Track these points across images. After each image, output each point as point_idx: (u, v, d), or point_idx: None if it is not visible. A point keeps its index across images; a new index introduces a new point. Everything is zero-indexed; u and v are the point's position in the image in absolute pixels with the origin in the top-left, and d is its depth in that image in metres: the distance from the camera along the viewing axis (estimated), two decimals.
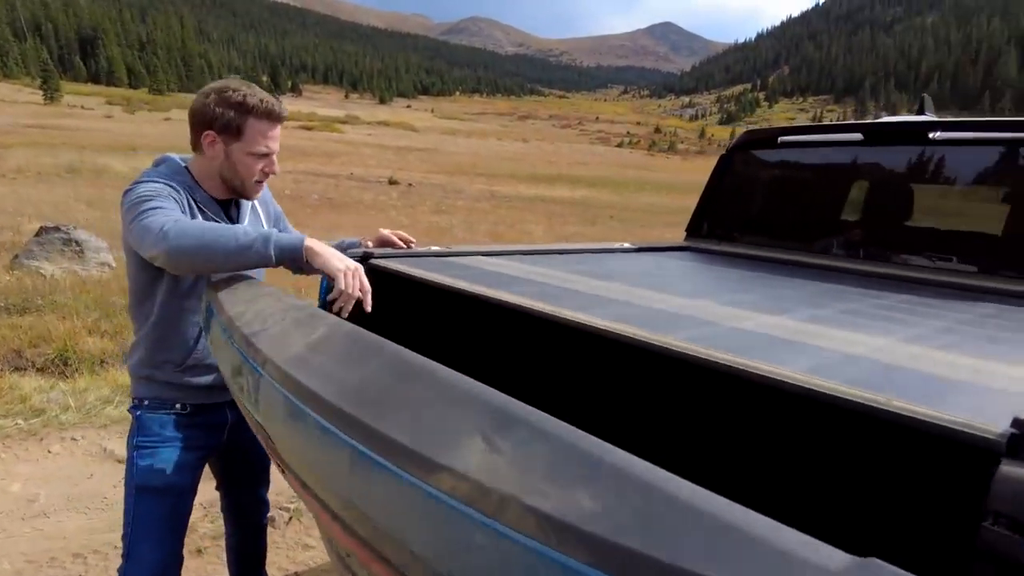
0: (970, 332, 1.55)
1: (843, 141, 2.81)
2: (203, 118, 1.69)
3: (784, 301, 1.83)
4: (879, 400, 0.95)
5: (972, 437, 0.83)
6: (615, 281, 2.01)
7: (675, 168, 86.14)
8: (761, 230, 3.08)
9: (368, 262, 1.96)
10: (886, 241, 2.68)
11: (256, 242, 1.47)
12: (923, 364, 1.21)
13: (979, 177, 2.49)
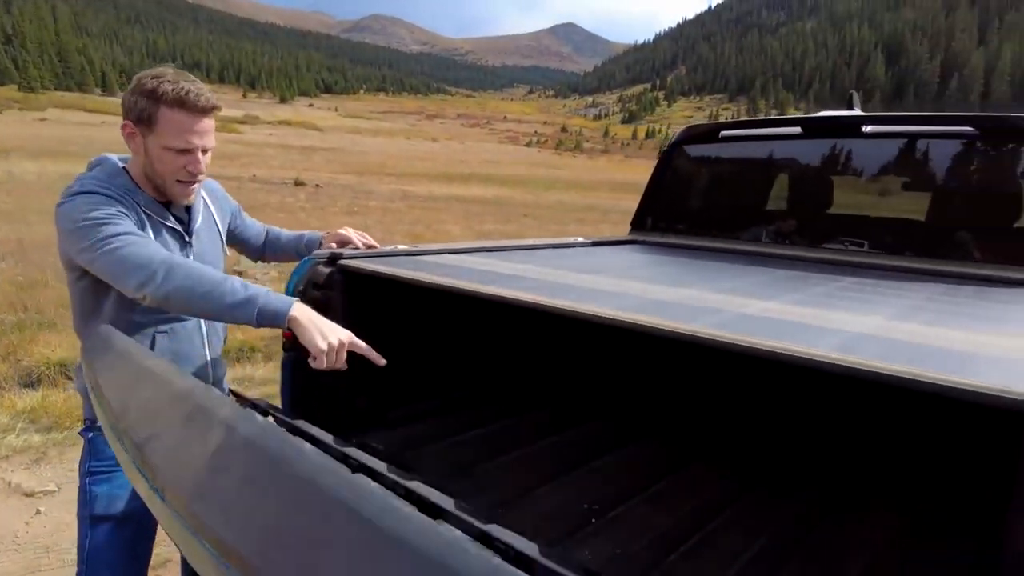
0: (940, 309, 1.66)
1: (782, 135, 2.87)
2: (123, 108, 1.58)
3: (763, 287, 1.92)
4: (927, 375, 0.98)
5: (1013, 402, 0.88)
6: (599, 275, 2.06)
7: (581, 166, 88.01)
8: (704, 222, 3.13)
9: (339, 263, 1.96)
10: (826, 229, 2.80)
11: (244, 305, 1.42)
12: (926, 339, 1.28)
13: (906, 167, 2.63)
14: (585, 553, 1.49)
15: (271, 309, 1.43)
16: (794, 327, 1.36)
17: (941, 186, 2.53)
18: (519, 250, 2.51)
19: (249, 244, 2.07)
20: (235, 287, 1.43)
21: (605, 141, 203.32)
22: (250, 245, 2.08)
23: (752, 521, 1.83)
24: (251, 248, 2.08)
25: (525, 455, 2.08)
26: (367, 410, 2.03)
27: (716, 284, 1.92)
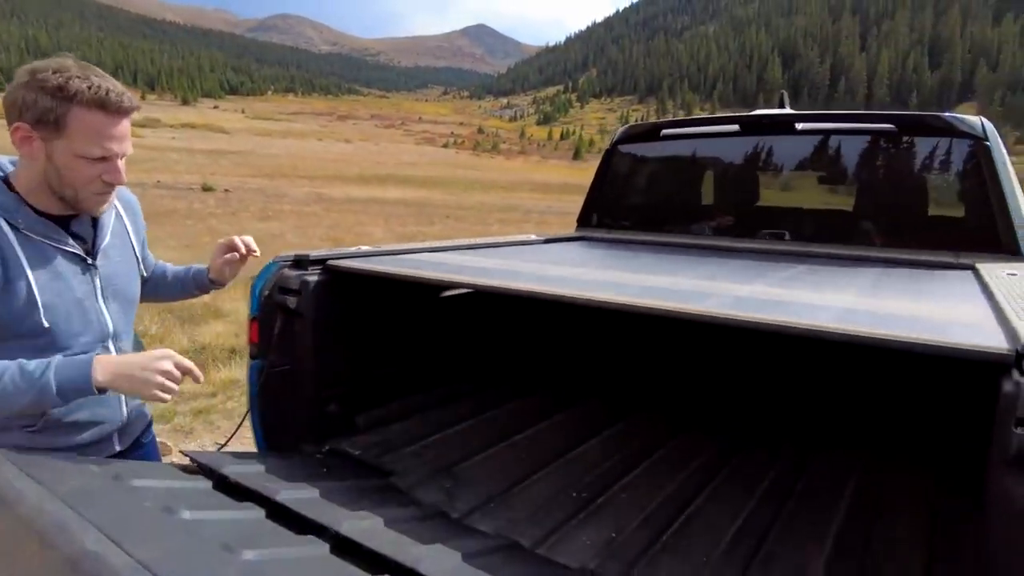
0: (892, 288, 1.84)
1: (721, 132, 2.99)
2: (12, 107, 1.33)
3: (734, 274, 2.02)
4: (913, 336, 1.13)
5: (994, 355, 1.03)
6: (580, 267, 2.12)
7: (500, 167, 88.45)
8: (650, 218, 3.23)
9: (327, 264, 1.92)
10: (764, 221, 2.96)
11: (41, 394, 1.25)
12: (898, 311, 1.40)
13: (835, 162, 2.83)
14: (584, 540, 1.51)
15: (71, 386, 1.27)
16: (786, 306, 1.44)
17: (866, 178, 2.74)
18: (485, 248, 2.54)
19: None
20: (16, 383, 1.24)
21: (522, 142, 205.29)
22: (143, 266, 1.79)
23: (736, 489, 1.88)
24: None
25: (505, 449, 2.08)
26: (340, 415, 2.01)
27: (692, 272, 2.01)
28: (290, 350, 1.87)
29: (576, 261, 2.38)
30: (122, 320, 1.51)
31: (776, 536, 1.60)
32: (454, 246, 2.45)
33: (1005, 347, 1.05)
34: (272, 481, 1.44)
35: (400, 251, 2.22)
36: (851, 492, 1.91)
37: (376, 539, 1.28)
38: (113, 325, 1.47)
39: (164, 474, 1.40)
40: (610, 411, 2.50)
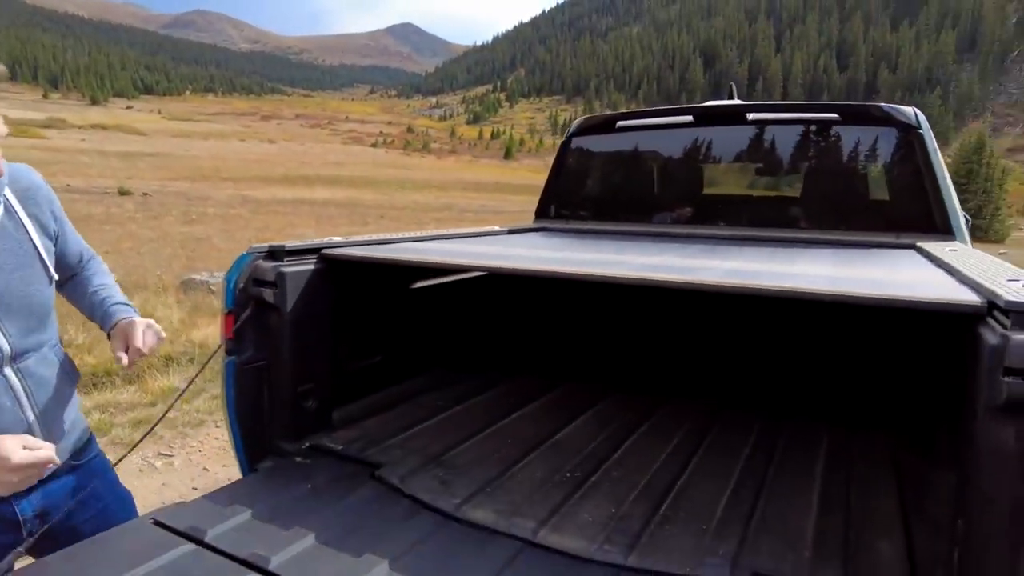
0: (851, 262, 1.98)
1: (675, 123, 3.08)
2: None
3: (709, 255, 2.13)
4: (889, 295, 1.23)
5: (971, 306, 1.14)
6: (566, 252, 2.18)
7: (431, 167, 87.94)
8: (607, 208, 3.31)
9: (322, 252, 1.93)
10: (718, 208, 3.10)
11: None
12: (870, 277, 1.49)
13: (785, 150, 2.98)
14: (586, 518, 1.53)
15: None
16: (776, 276, 1.54)
17: (812, 166, 2.89)
18: (460, 237, 2.56)
19: (59, 264, 1.50)
20: None
21: (452, 141, 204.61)
22: (60, 265, 1.50)
23: (721, 456, 1.96)
24: (60, 269, 1.50)
25: (492, 436, 2.09)
26: (318, 410, 1.99)
27: (668, 253, 2.07)
28: (266, 344, 1.85)
29: (557, 247, 2.42)
30: (25, 336, 1.32)
31: (766, 499, 1.65)
32: (430, 236, 2.45)
33: (978, 300, 1.16)
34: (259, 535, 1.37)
35: (378, 241, 2.21)
36: (825, 452, 2.01)
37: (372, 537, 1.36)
38: (11, 345, 1.30)
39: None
40: (589, 392, 2.54)
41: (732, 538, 1.44)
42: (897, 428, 2.18)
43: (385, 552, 1.32)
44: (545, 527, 1.47)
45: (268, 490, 1.59)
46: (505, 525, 1.47)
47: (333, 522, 1.43)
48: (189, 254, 11.07)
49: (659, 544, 1.42)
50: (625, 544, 1.41)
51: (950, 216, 2.54)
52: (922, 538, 1.45)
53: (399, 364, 2.44)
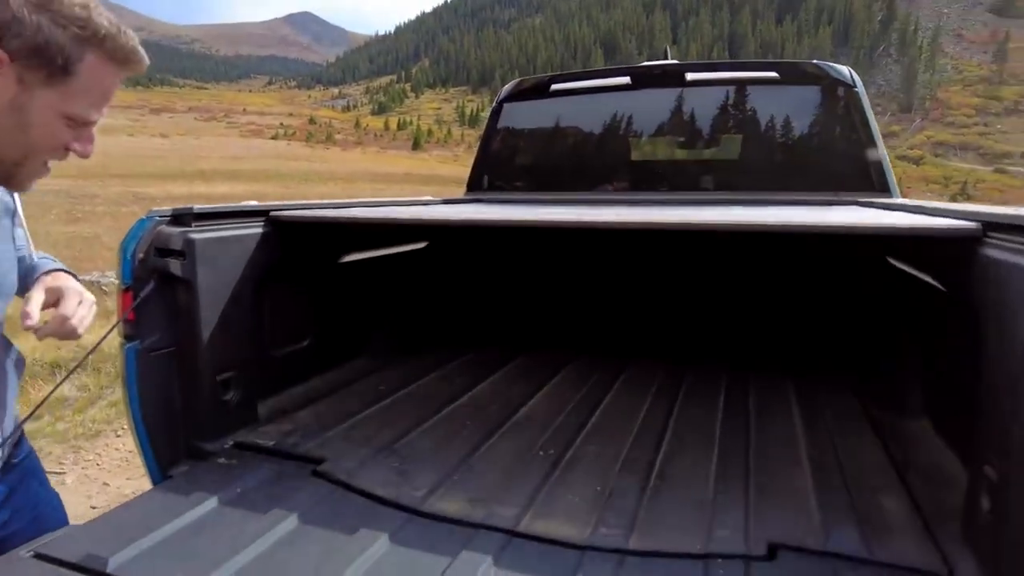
0: (813, 211, 1.98)
1: (612, 86, 2.97)
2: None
3: (662, 209, 2.11)
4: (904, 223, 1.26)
5: (963, 230, 1.19)
6: (514, 214, 2.10)
7: (337, 158, 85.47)
8: (543, 177, 3.17)
9: (270, 215, 1.78)
10: (658, 172, 3.03)
11: None
12: (844, 219, 1.53)
13: (724, 111, 2.93)
14: (571, 499, 1.41)
15: None
16: (740, 218, 1.53)
17: (751, 126, 2.86)
18: (394, 205, 2.46)
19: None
20: None
21: (358, 133, 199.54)
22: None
23: (697, 417, 1.90)
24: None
25: (446, 419, 1.91)
26: (242, 401, 1.76)
27: (625, 210, 1.99)
28: (175, 326, 1.62)
29: (505, 212, 2.33)
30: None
31: (755, 463, 1.59)
32: (362, 202, 2.25)
33: (973, 224, 1.19)
34: None
35: (318, 205, 2.00)
36: (798, 409, 1.98)
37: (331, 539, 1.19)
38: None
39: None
40: (547, 362, 2.44)
41: (734, 508, 1.35)
42: (864, 382, 2.16)
43: (344, 559, 1.13)
44: (528, 513, 1.33)
45: (187, 500, 1.33)
46: (482, 515, 1.31)
47: (273, 531, 1.22)
48: (75, 254, 10.19)
49: (658, 521, 1.32)
50: (622, 525, 1.29)
51: (886, 173, 2.55)
52: (925, 491, 1.41)
53: (332, 347, 2.22)
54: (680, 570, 1.14)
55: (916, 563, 1.13)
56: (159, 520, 1.24)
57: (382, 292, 2.47)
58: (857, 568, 1.11)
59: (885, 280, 2.12)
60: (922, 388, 1.77)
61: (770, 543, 1.20)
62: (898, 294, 2.04)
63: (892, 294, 2.13)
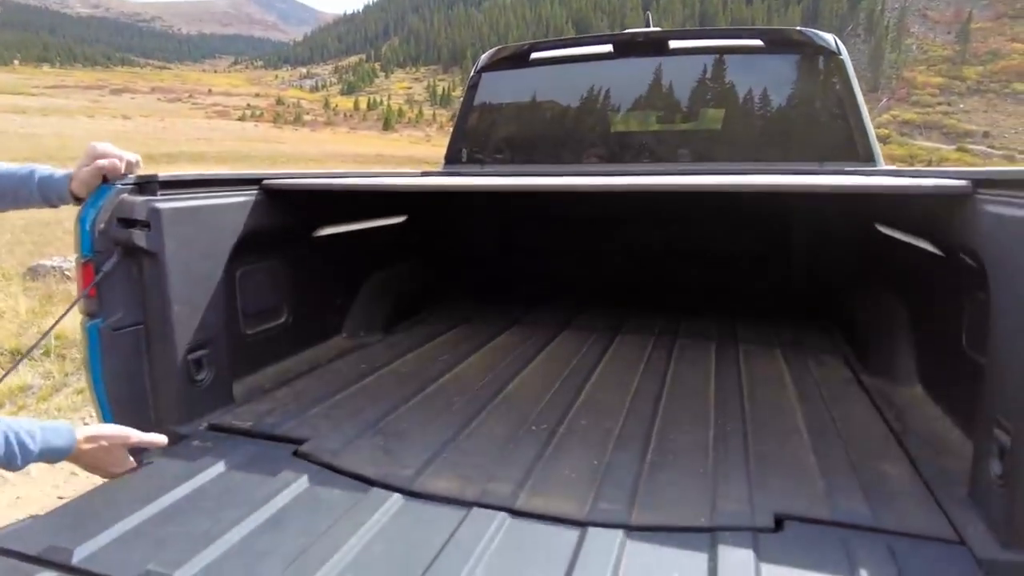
0: (792, 175, 2.01)
1: (594, 54, 2.90)
2: None
3: (648, 175, 2.12)
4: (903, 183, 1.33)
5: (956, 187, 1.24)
6: (500, 180, 2.12)
7: (306, 139, 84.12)
8: (523, 147, 3.11)
9: (262, 183, 1.75)
10: (640, 144, 2.99)
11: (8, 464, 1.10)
12: (837, 181, 1.56)
13: (707, 80, 2.88)
14: (567, 474, 1.37)
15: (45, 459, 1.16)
16: (725, 180, 1.56)
17: (735, 95, 2.83)
18: (375, 176, 2.41)
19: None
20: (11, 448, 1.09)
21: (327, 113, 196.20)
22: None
23: (688, 385, 1.89)
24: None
25: (432, 395, 1.85)
26: (216, 381, 1.68)
27: (614, 176, 1.98)
28: (141, 302, 1.54)
29: (499, 178, 2.32)
30: None
31: (753, 433, 1.56)
32: (338, 173, 2.19)
33: (963, 181, 1.24)
34: None
35: (301, 175, 1.95)
36: (790, 377, 1.98)
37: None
38: None
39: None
40: (534, 336, 2.40)
41: (737, 479, 1.32)
42: (855, 351, 2.16)
43: (331, 543, 1.08)
44: (524, 490, 1.29)
45: (158, 486, 1.26)
46: (475, 493, 1.27)
47: (252, 516, 1.16)
48: (35, 239, 9.85)
49: (660, 495, 1.28)
50: (623, 499, 1.25)
51: (871, 142, 2.52)
52: (925, 458, 1.39)
53: (310, 325, 2.16)
54: (687, 544, 1.11)
55: (924, 530, 1.12)
56: (128, 508, 1.17)
57: (361, 268, 2.42)
58: (865, 536, 1.09)
59: (874, 248, 2.12)
60: (915, 356, 1.78)
61: (776, 514, 1.18)
62: (887, 262, 2.02)
63: (881, 262, 2.11)
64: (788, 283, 2.77)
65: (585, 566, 1.04)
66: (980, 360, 1.20)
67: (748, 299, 2.74)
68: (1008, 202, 1.09)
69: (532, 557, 1.07)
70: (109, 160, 1.42)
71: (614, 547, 1.09)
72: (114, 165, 1.44)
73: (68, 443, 1.17)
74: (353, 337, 2.33)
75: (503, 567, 1.04)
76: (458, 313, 2.70)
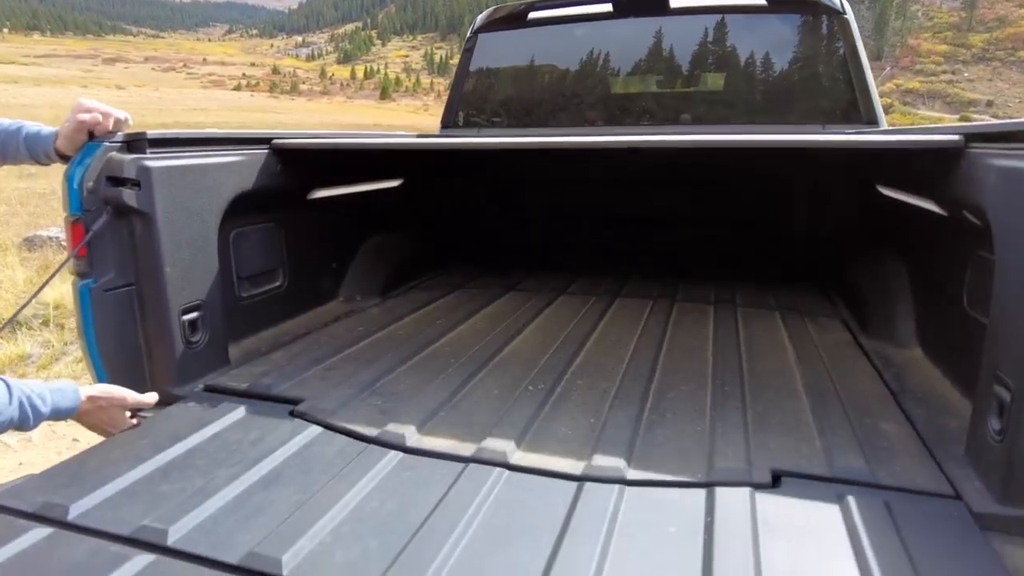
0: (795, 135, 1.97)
1: (593, 14, 2.84)
2: None
3: (651, 133, 2.15)
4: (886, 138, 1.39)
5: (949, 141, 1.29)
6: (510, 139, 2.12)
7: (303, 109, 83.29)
8: (521, 110, 3.06)
9: (273, 143, 1.77)
10: (640, 106, 2.94)
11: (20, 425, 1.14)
12: (841, 141, 1.60)
13: (708, 41, 2.82)
14: (564, 432, 1.36)
15: (52, 418, 1.19)
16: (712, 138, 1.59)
17: (738, 56, 2.78)
18: (374, 136, 2.42)
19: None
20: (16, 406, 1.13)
21: (324, 82, 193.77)
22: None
23: (686, 343, 1.89)
24: None
25: (428, 358, 1.84)
26: (211, 344, 1.68)
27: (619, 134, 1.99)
28: (133, 262, 1.52)
29: (501, 138, 2.33)
30: None
31: (751, 394, 1.54)
32: (334, 134, 2.18)
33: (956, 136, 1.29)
34: None
35: (304, 135, 1.95)
36: (786, 329, 2.00)
37: None
38: None
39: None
40: (530, 300, 2.38)
41: (734, 437, 1.31)
42: (854, 313, 2.16)
43: (328, 499, 1.08)
44: (520, 447, 1.29)
45: (154, 444, 1.27)
46: (470, 450, 1.27)
47: (248, 472, 1.16)
48: (32, 211, 9.76)
49: (657, 451, 1.27)
50: (619, 455, 1.24)
51: (874, 105, 2.50)
52: (923, 417, 1.40)
53: (306, 289, 2.16)
54: (684, 500, 1.11)
55: (921, 485, 1.12)
56: (124, 466, 1.18)
57: (357, 232, 2.41)
58: (863, 493, 1.10)
59: (874, 210, 2.11)
60: (915, 318, 1.78)
61: (774, 470, 1.18)
62: (888, 223, 2.01)
63: (882, 224, 2.11)
64: (788, 247, 2.75)
65: (582, 520, 1.04)
66: (982, 319, 1.20)
67: (747, 264, 2.73)
68: (1010, 155, 1.09)
69: (529, 511, 1.07)
70: (91, 114, 1.40)
71: (610, 502, 1.09)
72: (96, 119, 1.41)
73: (73, 404, 1.21)
74: (349, 302, 2.32)
75: (500, 521, 1.04)
76: (455, 279, 2.69)
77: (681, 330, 2.04)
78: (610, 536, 0.99)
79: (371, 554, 0.93)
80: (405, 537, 0.97)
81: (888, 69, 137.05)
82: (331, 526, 1.00)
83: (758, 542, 0.97)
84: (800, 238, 2.74)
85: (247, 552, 0.91)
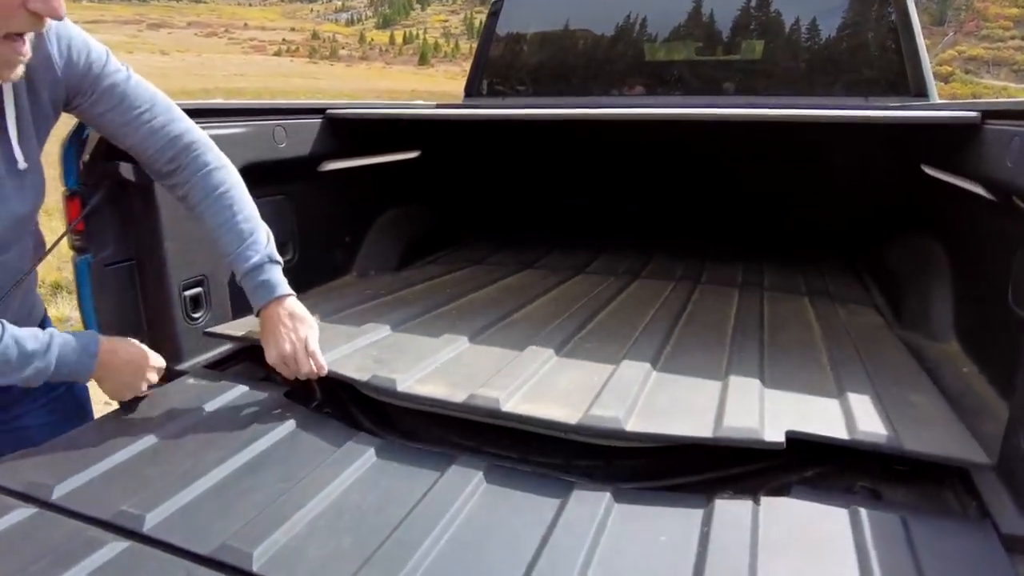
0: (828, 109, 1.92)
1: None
2: None
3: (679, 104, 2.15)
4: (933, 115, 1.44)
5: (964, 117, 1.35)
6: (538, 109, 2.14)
7: (342, 75, 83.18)
8: (548, 79, 2.94)
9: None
10: (674, 74, 2.81)
11: (31, 378, 1.08)
12: (873, 118, 1.63)
13: (749, 5, 2.69)
14: (564, 386, 1.32)
15: (65, 372, 1.12)
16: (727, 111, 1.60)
17: (777, 22, 2.66)
18: (400, 107, 2.35)
19: (138, 155, 1.25)
20: (23, 354, 1.05)
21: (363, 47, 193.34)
22: (142, 158, 1.26)
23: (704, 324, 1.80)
24: (146, 164, 1.27)
25: (430, 320, 1.76)
26: (213, 322, 1.66)
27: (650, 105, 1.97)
28: (132, 236, 1.49)
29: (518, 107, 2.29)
30: None
31: (769, 363, 1.46)
32: (351, 104, 2.13)
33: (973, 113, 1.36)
34: None
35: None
36: (815, 312, 1.90)
37: None
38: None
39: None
40: (543, 278, 2.28)
41: (748, 399, 1.23)
42: (888, 299, 2.08)
43: (311, 488, 1.04)
44: (515, 396, 1.24)
45: (147, 424, 1.23)
46: (462, 397, 1.23)
47: (235, 457, 1.13)
48: None
49: (662, 407, 1.21)
50: (620, 410, 1.16)
51: (924, 76, 2.35)
52: (954, 390, 1.35)
53: (318, 264, 2.11)
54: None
55: (952, 452, 1.04)
56: (114, 446, 1.15)
57: (372, 205, 2.33)
58: (876, 504, 1.02)
59: (917, 192, 2.02)
60: (954, 310, 1.70)
61: (788, 432, 1.10)
62: (932, 207, 1.92)
63: (925, 207, 2.01)
64: (823, 228, 2.63)
65: (568, 524, 0.96)
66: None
67: (778, 245, 2.60)
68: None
69: (514, 512, 1.00)
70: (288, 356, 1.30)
71: (599, 511, 0.99)
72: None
73: (85, 367, 1.14)
74: (363, 276, 2.26)
75: (482, 522, 0.97)
76: (473, 254, 2.58)
77: (702, 306, 1.96)
78: (594, 548, 0.91)
79: (344, 552, 0.89)
80: (383, 533, 0.93)
81: (950, 35, 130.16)
82: (308, 518, 0.97)
83: (756, 555, 0.88)
84: (837, 219, 2.61)
85: (220, 544, 0.89)
